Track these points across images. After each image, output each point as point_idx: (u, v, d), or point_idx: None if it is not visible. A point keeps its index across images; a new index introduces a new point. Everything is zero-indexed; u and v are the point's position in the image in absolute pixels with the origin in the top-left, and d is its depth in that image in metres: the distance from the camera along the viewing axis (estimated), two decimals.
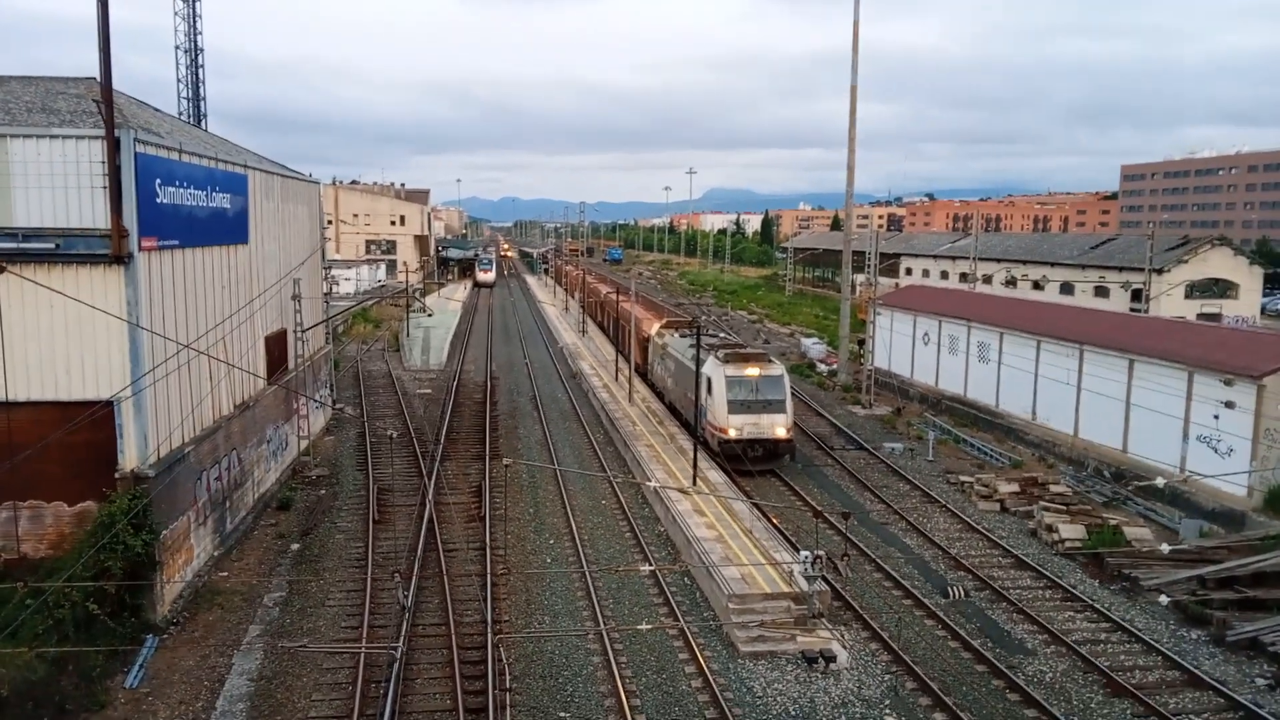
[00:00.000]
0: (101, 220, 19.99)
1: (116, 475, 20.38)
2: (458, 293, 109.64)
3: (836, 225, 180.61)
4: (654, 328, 46.38)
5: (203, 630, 21.00)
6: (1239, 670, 20.02)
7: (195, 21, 49.62)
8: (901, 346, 49.96)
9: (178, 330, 22.39)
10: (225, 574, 24.12)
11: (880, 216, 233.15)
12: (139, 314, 20.39)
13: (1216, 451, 29.70)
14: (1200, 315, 56.02)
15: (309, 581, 23.68)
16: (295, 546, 26.32)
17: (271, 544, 26.57)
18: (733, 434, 32.67)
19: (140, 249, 20.38)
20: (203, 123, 49.83)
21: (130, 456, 20.53)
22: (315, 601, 22.63)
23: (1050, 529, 27.70)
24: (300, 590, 23.26)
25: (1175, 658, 20.23)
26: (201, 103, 50.42)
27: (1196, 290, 58.49)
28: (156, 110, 30.08)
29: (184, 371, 22.83)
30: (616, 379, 50.20)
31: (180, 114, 48.09)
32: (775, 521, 27.87)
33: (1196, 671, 19.57)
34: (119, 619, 19.41)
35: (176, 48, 49.41)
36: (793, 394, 34.81)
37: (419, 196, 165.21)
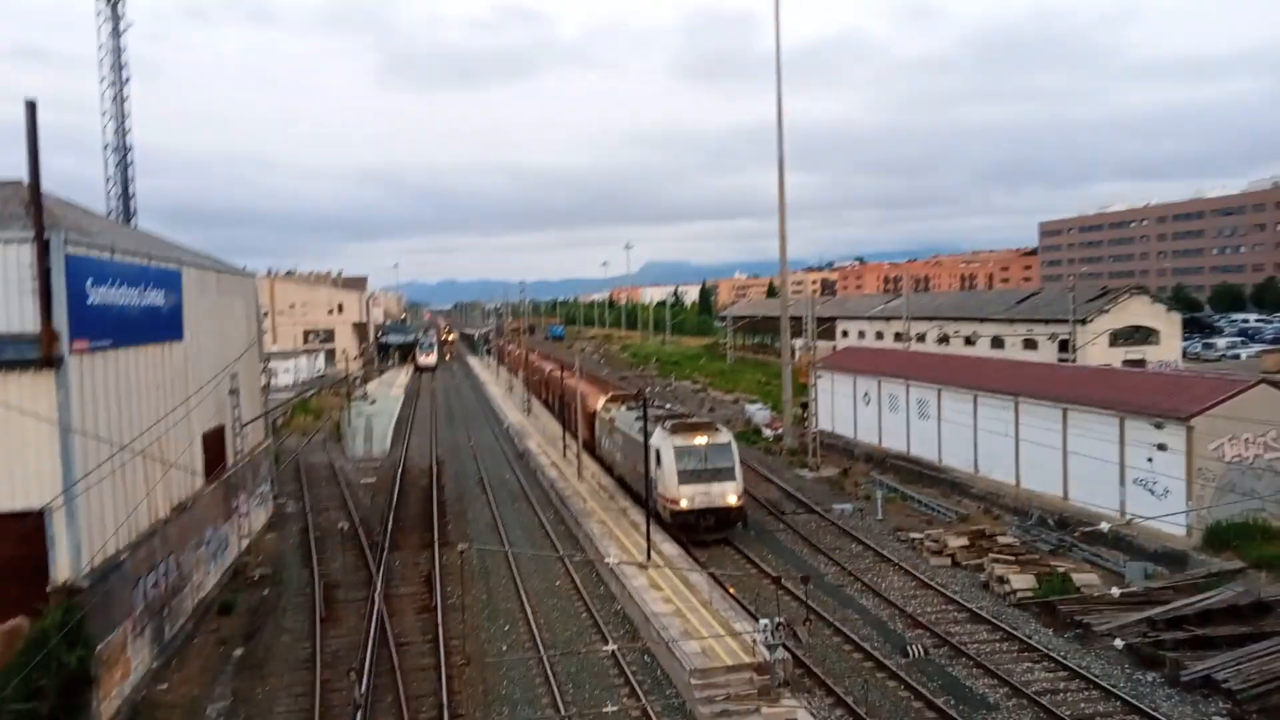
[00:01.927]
0: (31, 324, 19.50)
1: (49, 588, 19.49)
2: (399, 378, 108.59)
3: (772, 292, 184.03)
4: (600, 402, 46.41)
5: None
6: (1195, 710, 20.28)
7: (124, 120, 49.36)
8: (844, 407, 50.71)
9: (111, 433, 21.76)
10: (164, 686, 23.05)
11: (814, 281, 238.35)
12: (70, 418, 19.80)
13: (1153, 493, 30.51)
14: (1125, 361, 58.05)
15: (255, 689, 22.75)
16: (238, 652, 25.31)
17: (213, 651, 25.51)
18: (684, 504, 32.60)
19: (71, 351, 19.90)
20: (133, 220, 49.20)
21: (63, 568, 19.67)
22: (261, 709, 21.72)
23: (1002, 580, 28.02)
24: (245, 698, 22.32)
25: (1134, 701, 20.44)
26: (131, 200, 49.81)
27: (1120, 338, 60.71)
28: (86, 210, 29.68)
29: (118, 476, 22.11)
30: (565, 456, 49.89)
31: (110, 212, 47.47)
32: (733, 591, 27.71)
33: (1155, 714, 19.78)
34: None
35: (105, 147, 48.95)
36: (741, 460, 34.98)
37: (356, 284, 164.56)
